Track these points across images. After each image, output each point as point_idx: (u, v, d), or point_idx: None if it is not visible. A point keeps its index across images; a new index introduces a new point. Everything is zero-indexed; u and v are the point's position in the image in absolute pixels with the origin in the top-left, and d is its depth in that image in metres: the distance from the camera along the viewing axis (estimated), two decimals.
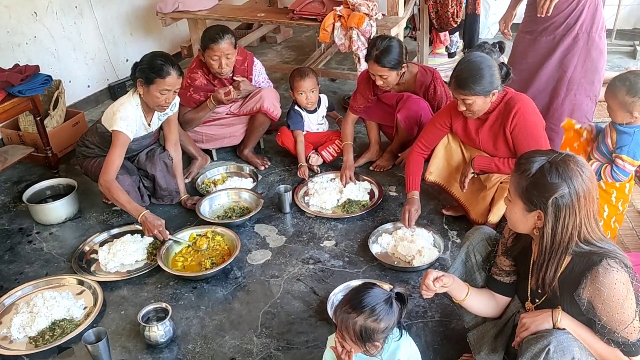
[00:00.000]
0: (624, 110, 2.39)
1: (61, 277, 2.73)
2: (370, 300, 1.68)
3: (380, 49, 3.06)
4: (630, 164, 2.41)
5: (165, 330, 2.31)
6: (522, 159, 1.71)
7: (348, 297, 1.75)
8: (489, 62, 2.54)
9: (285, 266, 2.77)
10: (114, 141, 2.82)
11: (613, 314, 1.62)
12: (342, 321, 1.69)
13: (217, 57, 3.24)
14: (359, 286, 1.80)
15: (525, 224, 1.73)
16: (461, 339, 2.19)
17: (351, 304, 1.70)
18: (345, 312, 1.69)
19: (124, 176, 2.99)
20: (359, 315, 1.67)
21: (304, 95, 3.48)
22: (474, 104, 2.58)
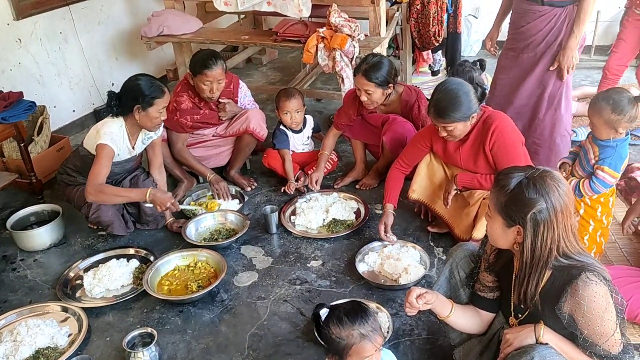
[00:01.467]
0: (609, 127, 2.44)
1: (45, 304, 2.70)
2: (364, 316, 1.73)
3: (370, 64, 3.11)
4: (611, 175, 2.45)
5: (150, 356, 2.29)
6: (501, 174, 1.74)
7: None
8: (465, 89, 2.58)
9: (272, 287, 2.76)
10: (98, 153, 2.81)
11: (594, 326, 1.63)
12: (372, 333, 1.71)
13: (209, 82, 3.27)
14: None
15: (505, 240, 1.74)
16: (448, 356, 2.19)
17: (349, 322, 1.72)
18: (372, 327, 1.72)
19: (107, 206, 2.99)
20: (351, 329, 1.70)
21: (289, 115, 3.52)
22: (455, 130, 2.63)
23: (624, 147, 2.46)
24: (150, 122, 2.89)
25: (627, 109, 2.40)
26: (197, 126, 3.46)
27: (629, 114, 2.42)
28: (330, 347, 1.75)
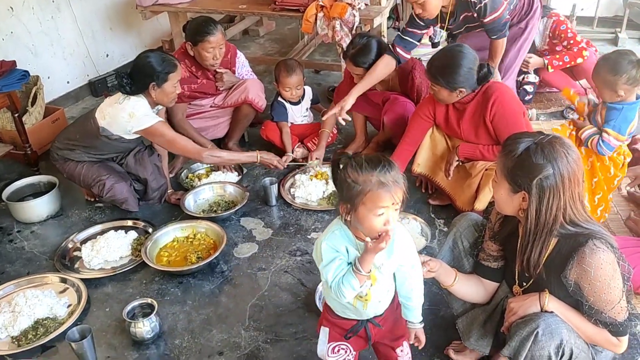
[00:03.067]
0: (608, 88, 2.42)
1: (43, 275, 2.67)
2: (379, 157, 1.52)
3: (357, 48, 3.06)
4: (615, 138, 2.44)
5: (151, 326, 2.27)
6: (509, 139, 1.71)
7: (373, 165, 1.48)
8: (467, 60, 2.54)
9: (273, 259, 2.74)
10: (162, 134, 2.81)
11: (600, 294, 1.62)
12: (399, 182, 1.48)
13: (212, 49, 3.20)
14: (369, 164, 1.50)
15: (510, 205, 1.72)
16: (450, 326, 2.18)
17: (383, 166, 1.47)
18: (394, 174, 1.47)
19: (120, 184, 2.95)
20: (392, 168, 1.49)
21: (289, 91, 3.46)
22: (438, 93, 2.65)
23: (632, 111, 2.44)
24: (166, 97, 2.83)
25: (624, 70, 2.38)
26: (195, 96, 3.40)
27: (627, 75, 2.39)
28: (344, 194, 1.52)
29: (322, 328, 1.76)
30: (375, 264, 1.58)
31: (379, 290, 1.65)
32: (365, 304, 1.65)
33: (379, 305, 1.69)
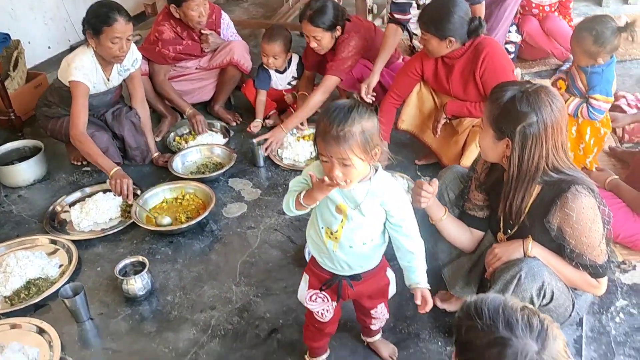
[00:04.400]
0: (588, 57, 2.44)
1: (33, 237, 2.68)
2: (349, 108, 1.46)
3: (314, 9, 3.04)
4: (605, 101, 2.47)
5: (143, 283, 2.30)
6: (496, 88, 1.73)
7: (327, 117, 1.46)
8: (458, 9, 2.54)
9: (262, 218, 2.77)
10: (74, 92, 2.74)
11: (581, 237, 1.68)
12: (341, 140, 1.43)
13: (196, 6, 3.16)
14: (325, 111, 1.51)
15: (495, 152, 1.75)
16: (437, 277, 2.22)
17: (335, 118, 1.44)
18: (338, 131, 1.43)
19: (100, 133, 2.94)
20: (353, 124, 1.43)
21: (266, 58, 3.40)
22: (428, 43, 2.63)
23: (610, 71, 2.47)
24: (104, 51, 2.75)
25: (609, 41, 2.40)
26: (180, 57, 3.37)
27: (611, 45, 2.42)
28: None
29: (304, 275, 1.80)
30: (348, 202, 1.56)
31: (351, 233, 1.60)
32: (335, 244, 1.62)
33: (351, 255, 1.64)
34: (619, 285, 2.23)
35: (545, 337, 1.04)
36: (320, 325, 1.82)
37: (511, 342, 1.03)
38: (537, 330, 1.05)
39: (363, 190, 1.54)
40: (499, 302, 1.10)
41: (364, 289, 1.76)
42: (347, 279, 1.71)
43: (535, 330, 1.05)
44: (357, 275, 1.71)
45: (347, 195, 1.56)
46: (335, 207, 1.58)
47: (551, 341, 1.05)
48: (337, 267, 1.68)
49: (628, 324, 2.07)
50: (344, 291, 1.73)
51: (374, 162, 1.53)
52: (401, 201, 1.61)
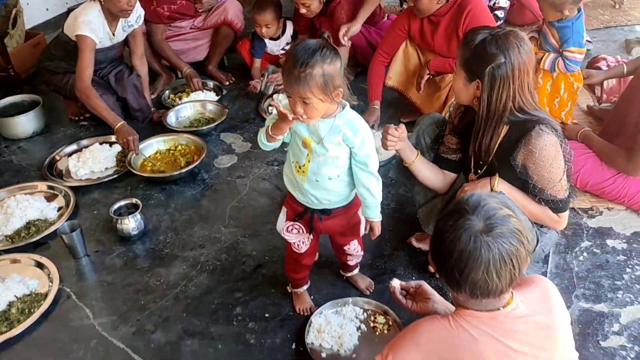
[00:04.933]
0: (554, 9, 2.53)
1: (33, 183, 2.81)
2: (313, 46, 1.54)
3: None
4: (579, 52, 2.57)
5: (136, 223, 2.43)
6: (469, 32, 1.83)
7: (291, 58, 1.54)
8: None
9: (251, 168, 2.90)
10: (81, 46, 2.83)
11: (543, 173, 1.80)
12: (301, 81, 1.51)
13: None
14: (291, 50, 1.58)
15: (466, 94, 1.86)
16: (414, 220, 2.36)
17: (298, 60, 1.51)
18: (300, 73, 1.51)
19: (107, 95, 3.03)
20: (314, 67, 1.51)
21: (258, 28, 3.46)
22: (419, 2, 2.71)
23: (580, 23, 2.56)
24: (114, 5, 2.83)
25: None
26: (174, 17, 3.46)
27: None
28: None
29: (283, 208, 1.93)
30: (313, 136, 1.66)
31: (317, 167, 1.69)
32: (303, 177, 1.73)
33: (318, 189, 1.74)
34: (586, 228, 2.37)
35: (494, 227, 1.20)
36: (297, 256, 1.96)
37: (469, 217, 1.21)
38: (493, 220, 1.20)
39: (327, 126, 1.64)
40: (483, 197, 1.27)
41: (335, 224, 1.88)
42: (318, 213, 1.83)
43: (492, 219, 1.20)
44: (327, 210, 1.82)
45: (311, 130, 1.67)
46: (301, 141, 1.70)
47: (499, 235, 1.20)
48: (307, 200, 1.80)
49: (590, 262, 2.21)
50: (316, 224, 1.85)
51: (335, 103, 1.61)
52: (363, 139, 1.66)
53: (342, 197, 1.81)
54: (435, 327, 1.29)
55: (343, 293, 2.14)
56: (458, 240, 1.21)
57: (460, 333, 1.25)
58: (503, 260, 1.20)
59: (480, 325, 1.25)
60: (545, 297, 1.34)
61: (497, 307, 1.27)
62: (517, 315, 1.27)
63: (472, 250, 1.20)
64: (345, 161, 1.71)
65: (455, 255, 1.21)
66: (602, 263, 2.20)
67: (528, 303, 1.30)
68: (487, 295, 1.24)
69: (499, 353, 1.22)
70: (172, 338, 2.02)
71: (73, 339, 2.04)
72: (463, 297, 1.27)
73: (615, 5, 4.25)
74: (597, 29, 4.01)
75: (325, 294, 2.15)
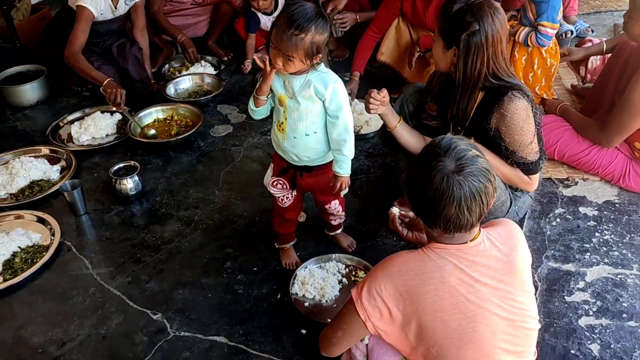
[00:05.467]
0: None
1: (37, 147, 2.93)
2: (307, 14, 1.67)
3: None
4: (551, 27, 2.67)
5: (134, 184, 2.56)
6: (447, 2, 1.94)
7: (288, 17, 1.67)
8: None
9: (245, 137, 3.02)
10: (78, 16, 2.95)
11: (514, 135, 1.92)
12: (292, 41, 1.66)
13: None
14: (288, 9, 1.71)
15: (444, 61, 1.98)
16: (397, 187, 2.49)
17: (294, 22, 1.66)
18: (292, 34, 1.65)
19: (107, 66, 3.15)
20: (307, 33, 1.66)
21: (256, 2, 3.51)
22: None
23: (556, 1, 2.66)
24: None
25: None
26: None
27: None
28: None
29: (270, 164, 2.06)
30: (287, 92, 1.79)
31: (294, 124, 1.82)
32: (283, 135, 1.86)
33: (297, 146, 1.85)
34: (560, 197, 2.49)
35: (464, 166, 1.31)
36: (281, 210, 2.09)
37: (441, 159, 1.32)
38: (463, 160, 1.32)
39: (300, 81, 1.77)
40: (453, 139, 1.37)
41: (315, 182, 2.00)
42: (300, 170, 1.95)
43: (462, 160, 1.32)
44: (307, 167, 1.95)
45: (286, 86, 1.80)
46: (278, 99, 1.83)
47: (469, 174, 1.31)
48: (289, 157, 1.93)
49: (562, 226, 2.33)
50: (297, 180, 1.98)
51: (313, 65, 1.74)
52: (334, 92, 1.77)
53: (320, 154, 1.91)
54: (405, 259, 1.41)
55: (327, 251, 2.27)
56: (432, 181, 1.32)
57: (427, 263, 1.37)
58: (473, 197, 1.32)
59: (446, 256, 1.37)
60: (509, 236, 1.46)
61: (465, 240, 1.39)
62: (481, 250, 1.39)
63: (445, 189, 1.31)
64: (318, 117, 1.82)
65: (430, 194, 1.33)
66: (574, 228, 2.32)
67: (493, 240, 1.42)
68: (459, 229, 1.35)
69: (462, 282, 1.34)
70: (165, 287, 2.16)
71: (73, 287, 2.18)
72: (437, 232, 1.38)
73: None
74: (588, 13, 4.11)
75: (310, 251, 2.28)
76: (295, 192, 2.06)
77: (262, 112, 1.93)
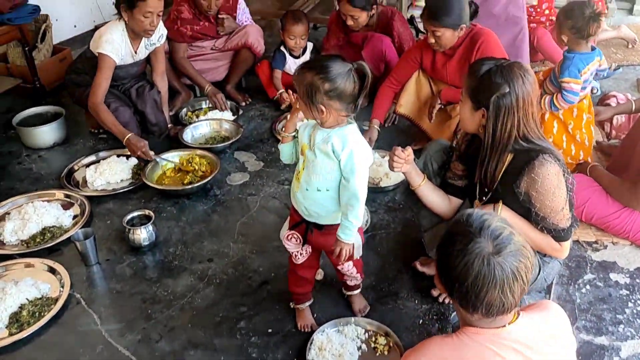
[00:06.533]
0: (557, 28, 2.65)
1: (51, 191, 2.90)
2: (327, 62, 1.68)
3: None
4: (575, 82, 2.62)
5: (148, 234, 2.50)
6: (475, 62, 1.91)
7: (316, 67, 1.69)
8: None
9: (262, 186, 2.96)
10: (100, 64, 2.96)
11: (545, 201, 1.84)
12: (296, 76, 1.71)
13: None
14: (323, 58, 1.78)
15: (472, 122, 1.92)
16: (419, 245, 2.40)
17: (310, 63, 1.74)
18: (300, 68, 1.70)
19: (124, 108, 3.14)
20: (310, 71, 1.66)
21: (294, 40, 3.55)
22: (443, 37, 2.76)
23: (583, 61, 2.62)
24: (137, 25, 2.94)
25: (574, 17, 2.57)
26: (197, 36, 3.58)
27: (573, 22, 2.57)
28: None
29: (288, 217, 2.01)
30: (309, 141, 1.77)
31: (308, 175, 1.78)
32: (297, 184, 1.83)
33: (307, 199, 1.81)
34: (589, 261, 2.38)
35: (503, 247, 1.25)
36: (295, 267, 2.02)
37: (477, 241, 1.26)
38: (500, 240, 1.26)
39: (322, 134, 1.74)
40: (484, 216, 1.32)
41: (326, 242, 1.90)
42: (311, 225, 1.89)
43: (499, 239, 1.26)
44: (320, 225, 1.89)
45: (310, 137, 1.78)
46: (300, 148, 1.82)
47: (508, 255, 1.25)
48: (300, 209, 1.88)
49: (593, 294, 2.22)
50: (308, 236, 1.92)
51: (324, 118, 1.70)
52: (351, 154, 1.70)
53: (330, 213, 1.85)
54: (439, 346, 1.33)
55: (345, 312, 2.18)
56: (471, 265, 1.26)
57: (464, 350, 1.29)
58: (515, 277, 1.26)
59: (484, 342, 1.29)
60: (552, 320, 1.38)
61: (503, 323, 1.31)
62: (520, 334, 1.31)
63: (486, 273, 1.25)
64: (333, 174, 1.75)
65: (471, 279, 1.26)
66: (605, 296, 2.21)
67: (534, 323, 1.34)
68: (502, 312, 1.29)
69: None
70: (177, 348, 2.06)
71: (80, 344, 2.09)
72: (477, 316, 1.31)
73: (629, 45, 4.31)
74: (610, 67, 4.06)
75: (328, 313, 2.18)
76: (310, 249, 1.98)
77: (286, 153, 1.94)
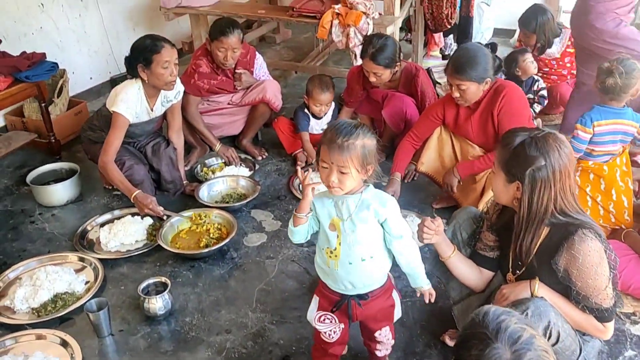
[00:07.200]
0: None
1: (63, 254, 2.82)
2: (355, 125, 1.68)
3: (377, 47, 3.19)
4: (582, 130, 2.59)
5: (163, 303, 2.40)
6: (507, 133, 1.84)
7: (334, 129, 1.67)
8: (484, 51, 2.69)
9: (280, 248, 2.87)
10: (113, 123, 2.93)
11: (587, 279, 1.73)
12: (344, 149, 1.63)
13: (224, 49, 3.36)
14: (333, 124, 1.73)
15: (506, 195, 1.84)
16: (447, 316, 2.29)
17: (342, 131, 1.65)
18: (343, 142, 1.63)
19: (139, 166, 3.10)
20: (356, 139, 1.64)
21: (319, 107, 3.54)
22: (467, 90, 2.71)
23: (599, 112, 2.61)
24: (157, 79, 2.93)
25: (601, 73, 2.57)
26: (214, 90, 3.56)
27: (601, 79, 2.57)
28: None
29: (314, 297, 1.91)
30: (340, 214, 1.72)
31: (349, 249, 1.72)
32: (336, 262, 1.75)
33: (352, 273, 1.75)
34: (629, 335, 2.25)
35: (522, 354, 1.15)
36: (326, 345, 1.92)
37: (493, 347, 1.16)
38: (519, 346, 1.15)
39: (355, 201, 1.69)
40: (501, 316, 1.22)
41: (371, 309, 1.86)
42: (356, 298, 1.81)
43: (517, 344, 1.15)
44: (364, 294, 1.81)
45: (339, 209, 1.71)
46: (329, 224, 1.72)
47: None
48: (341, 286, 1.79)
49: None
50: (353, 311, 1.83)
51: (367, 177, 1.71)
52: (393, 210, 1.73)
53: (377, 280, 1.82)
54: None
55: None
56: None
57: None
58: None
59: None
60: None
61: None
62: None
63: None
64: (378, 240, 1.74)
65: None
66: None
67: None
68: None
69: None
70: None
71: None
72: None
73: None
74: None
75: None
76: (343, 324, 1.89)
77: (301, 235, 1.84)
